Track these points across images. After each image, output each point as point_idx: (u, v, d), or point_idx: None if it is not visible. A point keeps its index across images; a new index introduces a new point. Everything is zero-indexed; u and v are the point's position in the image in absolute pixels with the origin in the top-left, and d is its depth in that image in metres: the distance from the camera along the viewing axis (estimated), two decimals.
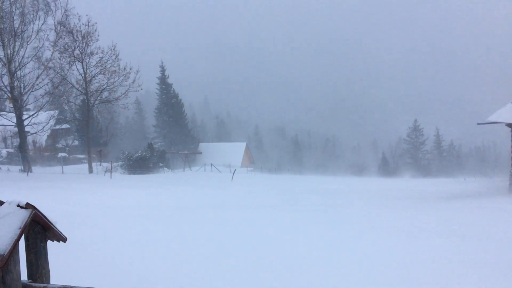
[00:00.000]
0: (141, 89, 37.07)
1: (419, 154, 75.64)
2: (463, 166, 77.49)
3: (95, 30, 34.57)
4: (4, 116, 33.35)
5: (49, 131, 48.83)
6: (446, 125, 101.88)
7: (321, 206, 15.48)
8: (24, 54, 31.52)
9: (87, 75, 35.01)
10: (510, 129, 21.28)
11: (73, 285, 3.13)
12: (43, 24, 32.23)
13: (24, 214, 2.96)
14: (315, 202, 17.27)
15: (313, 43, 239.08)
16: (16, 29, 30.57)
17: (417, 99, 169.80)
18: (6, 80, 31.27)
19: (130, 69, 35.46)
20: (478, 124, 23.56)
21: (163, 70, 62.95)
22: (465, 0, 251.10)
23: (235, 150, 64.89)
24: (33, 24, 31.81)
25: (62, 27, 33.24)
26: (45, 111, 37.52)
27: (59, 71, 33.84)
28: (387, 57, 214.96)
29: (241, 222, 11.50)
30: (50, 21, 32.85)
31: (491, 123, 21.75)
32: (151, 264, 6.98)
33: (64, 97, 36.78)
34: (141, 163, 39.47)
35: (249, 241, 8.97)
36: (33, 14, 31.71)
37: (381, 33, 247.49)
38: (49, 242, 3.32)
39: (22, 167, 32.71)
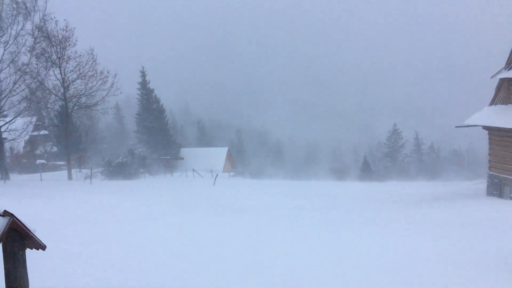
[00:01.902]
0: (120, 93, 36.67)
1: (399, 157, 76.50)
2: (442, 169, 78.67)
3: (73, 35, 34.17)
4: None
5: (27, 138, 47.97)
6: (426, 128, 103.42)
7: (303, 210, 15.52)
8: (1, 59, 30.95)
9: (64, 80, 34.53)
10: (487, 132, 21.71)
11: None
12: (21, 29, 31.72)
13: (2, 222, 2.88)
14: (297, 206, 17.31)
15: (292, 47, 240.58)
16: None
17: (397, 103, 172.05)
18: None
19: (108, 72, 35.09)
20: (456, 127, 23.98)
21: (143, 75, 62.44)
22: (445, 4, 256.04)
23: (217, 155, 64.61)
24: (11, 29, 31.27)
25: (39, 32, 32.75)
26: (23, 117, 36.85)
27: (36, 76, 33.29)
28: (367, 62, 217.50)
29: (223, 226, 11.45)
30: (28, 26, 32.38)
31: (468, 126, 22.17)
32: (133, 270, 6.89)
33: (42, 103, 36.17)
34: (121, 169, 39.01)
35: (233, 244, 8.93)
36: (11, 19, 31.18)
37: (360, 38, 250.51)
38: (28, 250, 3.24)
39: None
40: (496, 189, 20.51)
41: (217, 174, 37.34)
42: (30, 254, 3.56)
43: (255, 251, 8.55)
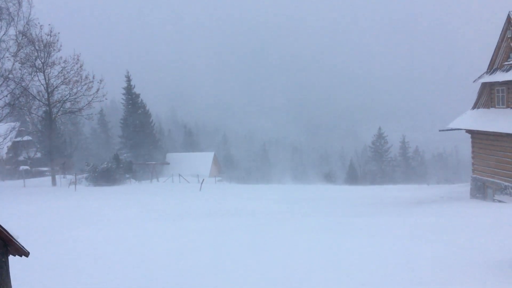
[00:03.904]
0: (106, 99, 36.36)
1: (384, 161, 77.04)
2: (427, 172, 79.47)
3: (57, 40, 33.82)
4: None
5: (9, 144, 47.24)
6: (411, 132, 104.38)
7: (289, 214, 15.55)
8: None
9: (49, 86, 34.13)
10: (470, 135, 22.02)
11: None
12: (4, 34, 31.30)
13: None
14: (284, 210, 17.34)
15: (277, 51, 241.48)
16: None
17: (382, 107, 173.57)
18: None
19: (93, 77, 34.77)
20: (440, 130, 24.27)
21: (128, 80, 61.99)
22: (426, 8, 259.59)
23: (203, 160, 64.40)
24: None
25: (23, 37, 32.36)
26: (6, 123, 36.32)
27: (20, 82, 32.85)
28: (352, 66, 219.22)
29: (210, 230, 11.42)
30: (12, 31, 31.95)
31: (452, 129, 22.46)
32: (123, 276, 6.83)
33: (25, 109, 35.69)
34: (107, 175, 38.59)
35: (222, 247, 8.91)
36: None
37: (345, 43, 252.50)
38: (11, 257, 3.20)
39: None
40: (480, 191, 20.79)
41: (203, 179, 37.23)
42: (13, 261, 3.52)
43: (243, 255, 8.54)
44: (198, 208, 18.17)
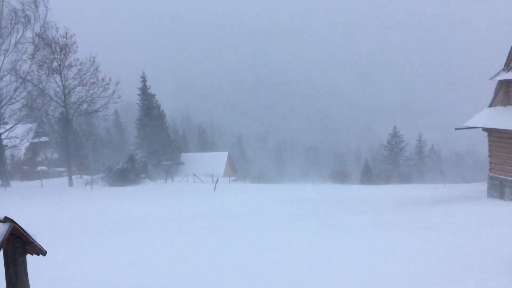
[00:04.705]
0: (121, 101, 36.70)
1: (400, 160, 76.39)
2: (443, 171, 78.60)
3: (74, 42, 34.24)
4: None
5: (27, 145, 47.99)
6: (427, 130, 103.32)
7: (311, 217, 15.53)
8: (1, 66, 31.02)
9: (65, 87, 34.59)
10: (487, 133, 21.72)
11: None
12: (21, 37, 31.79)
13: (3, 228, 2.92)
14: (293, 212, 17.33)
15: (291, 50, 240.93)
16: None
17: (398, 105, 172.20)
18: None
19: (109, 80, 35.15)
20: (456, 129, 23.97)
21: (144, 80, 62.49)
22: (447, 7, 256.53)
23: (218, 159, 64.62)
24: (11, 37, 31.34)
25: (40, 40, 32.83)
26: (23, 124, 36.92)
27: (37, 83, 33.35)
28: (367, 64, 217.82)
29: (226, 231, 11.48)
30: (29, 34, 32.44)
31: (468, 128, 22.17)
32: (135, 274, 6.91)
33: (43, 110, 36.21)
34: (122, 175, 39.00)
35: (237, 250, 8.96)
36: (11, 28, 31.24)
37: (360, 39, 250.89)
38: (28, 256, 3.28)
39: (0, 181, 32.07)
40: (497, 190, 20.50)
41: (217, 179, 37.36)
42: (31, 260, 3.60)
43: (253, 257, 8.57)
44: (213, 208, 18.26)
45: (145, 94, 63.26)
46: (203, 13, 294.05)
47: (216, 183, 32.37)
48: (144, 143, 63.09)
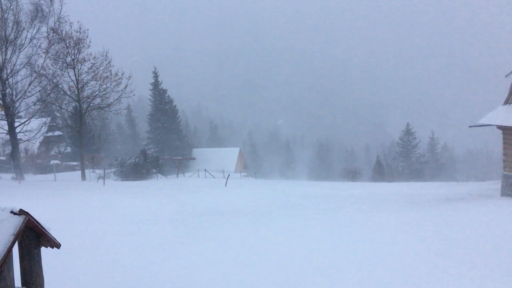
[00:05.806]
0: (134, 95, 36.88)
1: (412, 157, 75.89)
2: (456, 169, 77.89)
3: (87, 37, 34.48)
4: None
5: (41, 138, 48.51)
6: (440, 128, 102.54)
7: (320, 210, 15.50)
8: (16, 61, 31.34)
9: (79, 82, 34.87)
10: (501, 131, 21.43)
11: None
12: (36, 32, 32.07)
13: (18, 221, 2.94)
14: (307, 206, 17.30)
15: (306, 47, 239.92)
16: (8, 36, 30.37)
17: (411, 102, 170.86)
18: None
19: (122, 74, 35.38)
20: (470, 126, 23.67)
21: (156, 76, 62.81)
22: (461, 4, 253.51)
23: (229, 155, 64.78)
24: (27, 31, 31.62)
25: (54, 34, 33.10)
26: (37, 118, 37.29)
27: (51, 78, 33.65)
28: (381, 61, 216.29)
29: (239, 226, 11.50)
30: (43, 28, 32.71)
31: (482, 125, 21.89)
32: (153, 270, 6.96)
33: (56, 104, 36.53)
34: (134, 170, 39.33)
35: (253, 247, 8.97)
36: (28, 23, 31.52)
37: (372, 36, 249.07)
38: (43, 249, 3.30)
39: (14, 174, 32.47)
40: (511, 189, 20.24)
41: (228, 175, 37.45)
42: (45, 252, 3.63)
43: (263, 253, 8.57)
44: (225, 204, 18.31)
45: (157, 90, 63.58)
46: (216, 10, 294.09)
47: (227, 179, 32.45)
48: (156, 138, 63.46)
